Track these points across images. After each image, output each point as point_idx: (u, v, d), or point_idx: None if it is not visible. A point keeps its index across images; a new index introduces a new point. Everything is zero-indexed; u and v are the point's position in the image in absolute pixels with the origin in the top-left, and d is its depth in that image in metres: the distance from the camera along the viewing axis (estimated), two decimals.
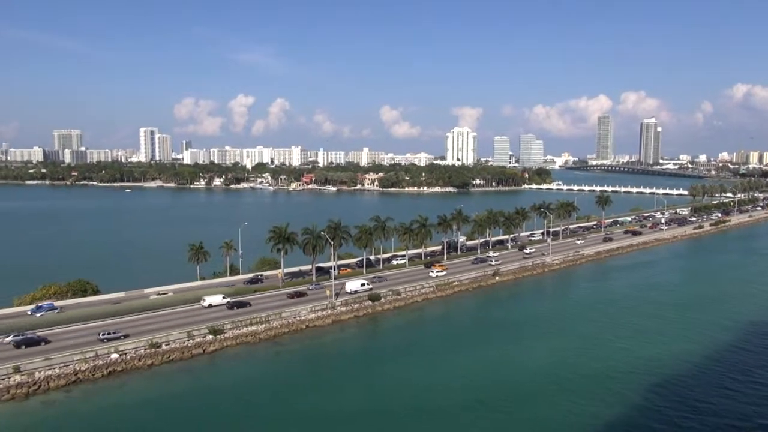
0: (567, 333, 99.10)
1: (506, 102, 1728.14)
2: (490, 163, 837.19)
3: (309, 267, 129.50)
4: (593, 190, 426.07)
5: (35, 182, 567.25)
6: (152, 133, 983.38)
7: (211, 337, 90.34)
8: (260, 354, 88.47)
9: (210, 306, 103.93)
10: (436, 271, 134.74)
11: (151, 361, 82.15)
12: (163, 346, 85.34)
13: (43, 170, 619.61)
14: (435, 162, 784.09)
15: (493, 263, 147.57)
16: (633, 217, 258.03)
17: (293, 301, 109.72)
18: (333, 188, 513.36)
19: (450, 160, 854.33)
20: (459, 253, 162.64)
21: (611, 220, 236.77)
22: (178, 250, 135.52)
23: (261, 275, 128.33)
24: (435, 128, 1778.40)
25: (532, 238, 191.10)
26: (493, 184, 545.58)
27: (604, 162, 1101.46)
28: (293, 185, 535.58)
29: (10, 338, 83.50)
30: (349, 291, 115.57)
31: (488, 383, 76.82)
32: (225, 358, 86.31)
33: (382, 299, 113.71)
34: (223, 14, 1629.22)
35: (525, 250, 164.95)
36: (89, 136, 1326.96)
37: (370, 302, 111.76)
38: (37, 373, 73.91)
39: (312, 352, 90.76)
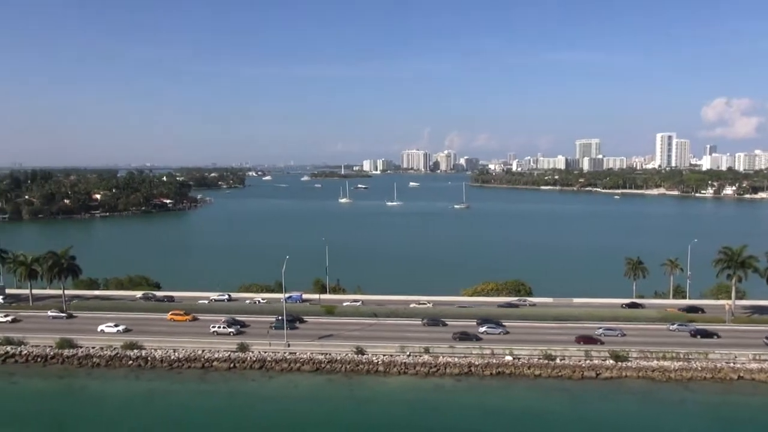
0: None
1: None
2: None
3: None
4: None
5: (548, 188, 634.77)
6: (669, 138, 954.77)
7: (610, 362, 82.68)
8: (661, 395, 75.33)
9: None
10: None
11: (540, 371, 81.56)
12: (557, 360, 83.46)
13: (556, 177, 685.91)
14: None
15: None
16: None
17: None
18: None
19: None
20: None
21: None
22: (619, 262, 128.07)
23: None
24: None
25: None
26: None
27: None
28: None
29: (675, 326, 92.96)
30: None
31: None
32: (615, 387, 77.37)
33: None
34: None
35: None
36: (610, 144, 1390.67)
37: None
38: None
39: (726, 413, 71.62)
